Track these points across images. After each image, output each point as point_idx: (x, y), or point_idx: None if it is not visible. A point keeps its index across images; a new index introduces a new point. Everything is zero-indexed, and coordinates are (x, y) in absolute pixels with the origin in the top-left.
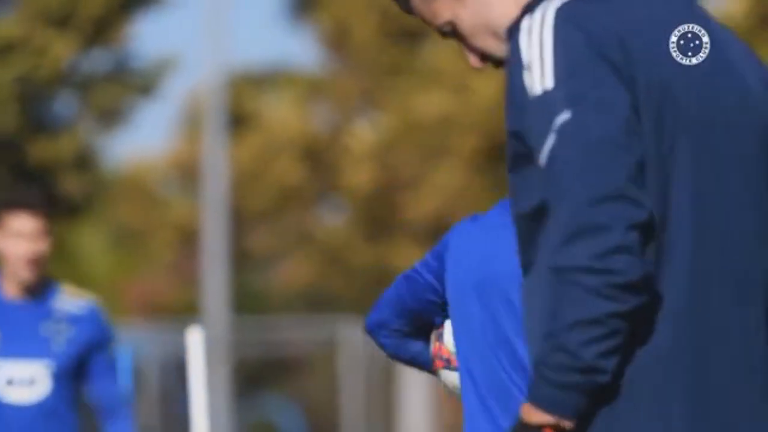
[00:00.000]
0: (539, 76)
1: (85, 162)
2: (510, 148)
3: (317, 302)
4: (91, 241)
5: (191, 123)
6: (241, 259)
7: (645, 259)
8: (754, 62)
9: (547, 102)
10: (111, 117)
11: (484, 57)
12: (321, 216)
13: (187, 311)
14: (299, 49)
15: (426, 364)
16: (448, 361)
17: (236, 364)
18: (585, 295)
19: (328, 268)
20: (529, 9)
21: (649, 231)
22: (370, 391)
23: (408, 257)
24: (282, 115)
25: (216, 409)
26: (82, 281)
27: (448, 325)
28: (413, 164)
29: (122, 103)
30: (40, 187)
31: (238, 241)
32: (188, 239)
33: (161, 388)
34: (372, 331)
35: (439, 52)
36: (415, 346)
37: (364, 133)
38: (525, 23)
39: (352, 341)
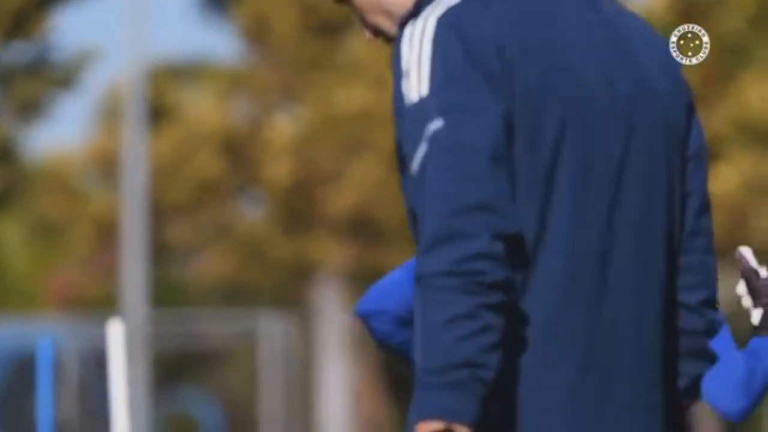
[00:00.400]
0: (416, 83)
1: (4, 154)
2: (397, 152)
3: (236, 295)
4: (10, 233)
5: (111, 115)
6: (161, 252)
7: (510, 269)
8: (662, 55)
9: (421, 109)
10: (31, 109)
11: (377, 32)
12: (240, 209)
13: (105, 304)
14: (220, 42)
15: (410, 353)
16: None
17: (155, 357)
18: (451, 295)
19: (247, 261)
20: (418, 7)
21: (516, 244)
22: (288, 384)
23: (327, 251)
24: (202, 108)
25: (135, 401)
26: (1, 274)
27: None
28: (333, 158)
29: (42, 95)
30: None
31: (158, 234)
32: (107, 232)
33: (80, 380)
34: (367, 314)
35: (359, 46)
36: (404, 333)
37: (284, 126)
38: (408, 30)
39: (271, 335)
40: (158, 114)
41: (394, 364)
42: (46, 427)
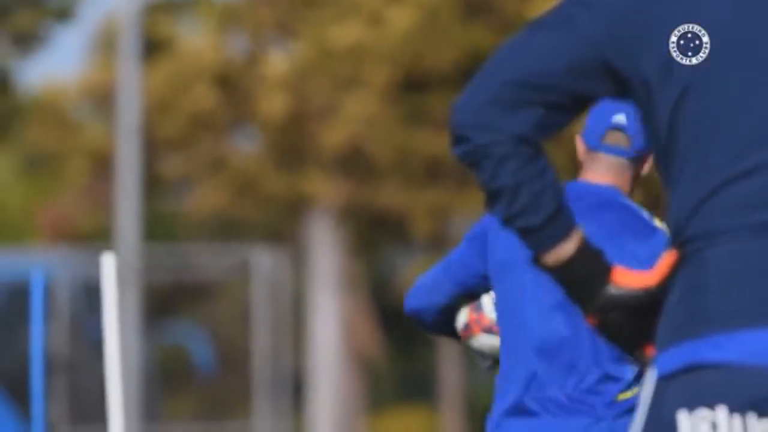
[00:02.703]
0: None
1: (0, 86)
2: None
3: (229, 229)
4: (4, 165)
5: (106, 48)
6: (154, 186)
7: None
8: None
9: None
10: (27, 41)
11: None
12: (234, 143)
13: (99, 236)
14: None
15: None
16: (489, 329)
17: (147, 289)
18: None
19: (240, 195)
20: None
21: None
22: (280, 317)
23: (320, 186)
24: (197, 42)
25: (126, 333)
26: None
27: (487, 298)
28: (327, 93)
29: (39, 27)
30: None
31: (151, 167)
32: (101, 164)
33: (72, 312)
34: (416, 311)
35: None
36: (444, 319)
37: (279, 61)
38: None
39: (263, 269)
40: (153, 47)
41: (386, 299)
42: (38, 357)
